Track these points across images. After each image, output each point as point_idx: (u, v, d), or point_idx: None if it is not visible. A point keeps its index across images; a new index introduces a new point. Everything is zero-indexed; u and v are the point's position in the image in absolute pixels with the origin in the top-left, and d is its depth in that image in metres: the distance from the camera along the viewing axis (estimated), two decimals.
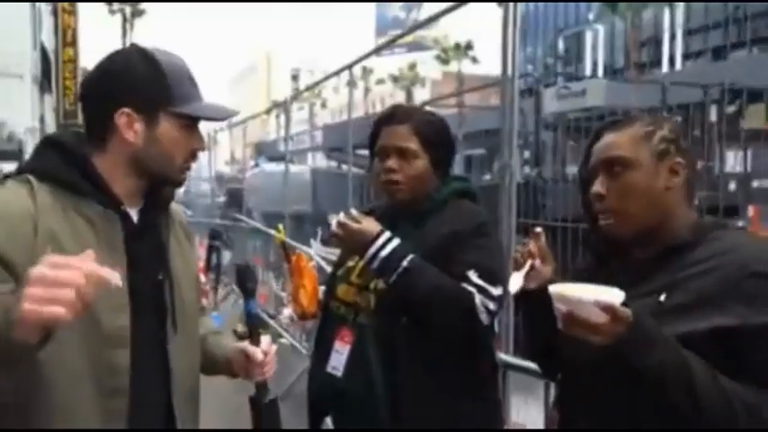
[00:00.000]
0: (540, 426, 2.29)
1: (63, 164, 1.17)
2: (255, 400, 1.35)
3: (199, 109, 1.23)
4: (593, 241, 1.36)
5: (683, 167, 1.22)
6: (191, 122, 1.23)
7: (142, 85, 1.18)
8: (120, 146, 1.19)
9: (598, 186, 1.24)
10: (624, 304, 1.05)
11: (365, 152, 1.79)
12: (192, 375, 1.32)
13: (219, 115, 1.27)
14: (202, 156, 1.37)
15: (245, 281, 1.40)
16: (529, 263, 1.30)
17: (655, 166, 1.21)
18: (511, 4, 2.68)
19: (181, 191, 1.41)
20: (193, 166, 1.30)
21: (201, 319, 1.44)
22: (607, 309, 1.03)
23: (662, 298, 1.15)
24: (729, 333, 1.09)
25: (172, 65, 1.21)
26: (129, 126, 1.18)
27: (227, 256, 8.51)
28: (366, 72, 47.70)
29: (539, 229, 1.32)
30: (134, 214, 1.24)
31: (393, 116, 1.71)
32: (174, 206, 1.39)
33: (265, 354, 1.34)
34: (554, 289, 1.09)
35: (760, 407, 1.06)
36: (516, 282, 1.29)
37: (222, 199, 15.36)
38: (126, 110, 1.17)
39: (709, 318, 1.10)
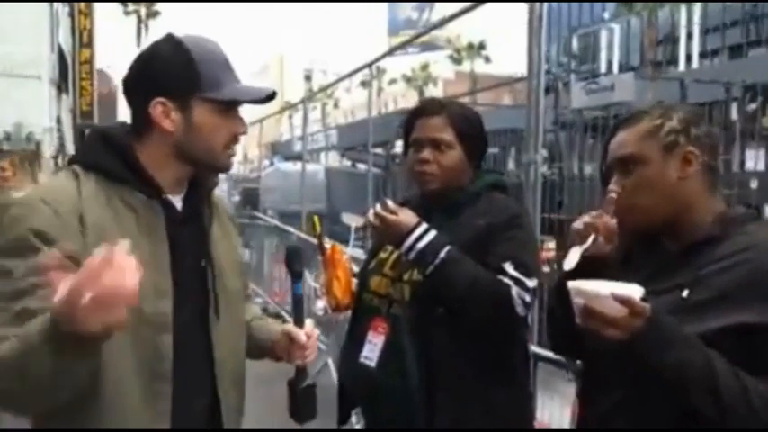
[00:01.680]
0: (566, 424, 2.29)
1: (107, 154, 1.20)
2: (293, 384, 1.36)
3: (231, 92, 1.21)
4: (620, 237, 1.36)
5: (695, 156, 1.21)
6: (227, 107, 1.22)
7: (171, 74, 1.18)
8: (160, 135, 1.21)
9: (613, 185, 1.25)
10: (644, 301, 1.06)
11: (380, 151, 1.81)
12: (237, 360, 1.34)
13: (253, 97, 1.24)
14: None
15: (294, 263, 1.40)
16: (591, 238, 1.23)
17: (664, 159, 1.21)
18: (537, 2, 2.69)
19: None
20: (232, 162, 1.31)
21: (246, 305, 1.46)
22: (625, 302, 1.04)
23: (685, 294, 1.15)
24: (749, 330, 1.09)
25: (202, 50, 1.20)
26: (166, 115, 1.19)
27: (245, 255, 8.56)
28: (379, 72, 47.73)
29: (614, 195, 1.23)
30: (178, 201, 1.26)
31: (427, 108, 1.73)
32: (219, 195, 1.40)
33: (308, 336, 1.35)
34: (572, 284, 1.10)
35: None
36: (573, 258, 1.22)
37: (237, 198, 15.44)
38: (160, 99, 1.18)
39: (729, 315, 1.10)
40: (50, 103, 18.84)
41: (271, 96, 1.25)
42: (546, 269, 3.84)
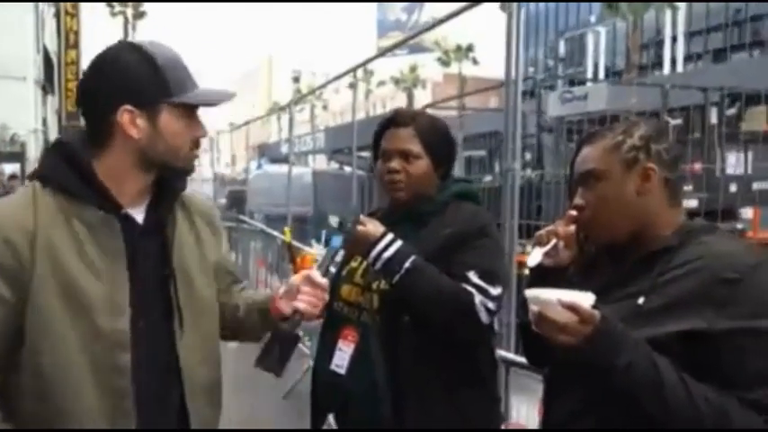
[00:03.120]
0: (536, 423, 2.32)
1: (65, 169, 1.18)
2: (277, 329, 1.30)
3: (197, 96, 1.22)
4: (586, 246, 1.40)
5: (654, 172, 1.26)
6: (190, 111, 1.23)
7: (141, 81, 1.17)
8: (124, 143, 1.19)
9: (578, 199, 1.31)
10: (596, 307, 1.11)
11: (367, 154, 1.83)
12: (209, 370, 1.31)
13: (217, 99, 1.25)
14: (204, 157, 1.39)
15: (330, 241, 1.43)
16: (553, 242, 1.30)
17: (624, 175, 1.26)
18: (514, 5, 2.71)
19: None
20: (195, 164, 1.30)
21: (239, 289, 1.43)
22: (571, 308, 1.09)
23: (640, 301, 1.20)
24: (698, 336, 1.13)
25: (165, 56, 1.20)
26: (132, 123, 1.18)
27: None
28: (367, 74, 47.65)
29: (574, 212, 1.32)
30: (139, 213, 1.24)
31: (395, 119, 1.75)
32: (199, 198, 1.38)
33: (323, 288, 1.33)
34: (529, 292, 1.15)
35: (725, 408, 1.11)
36: (536, 256, 1.31)
37: (223, 201, 15.41)
38: (127, 107, 1.17)
39: (680, 321, 1.15)
40: (36, 105, 18.71)
41: (231, 96, 1.27)
42: (527, 272, 3.87)
